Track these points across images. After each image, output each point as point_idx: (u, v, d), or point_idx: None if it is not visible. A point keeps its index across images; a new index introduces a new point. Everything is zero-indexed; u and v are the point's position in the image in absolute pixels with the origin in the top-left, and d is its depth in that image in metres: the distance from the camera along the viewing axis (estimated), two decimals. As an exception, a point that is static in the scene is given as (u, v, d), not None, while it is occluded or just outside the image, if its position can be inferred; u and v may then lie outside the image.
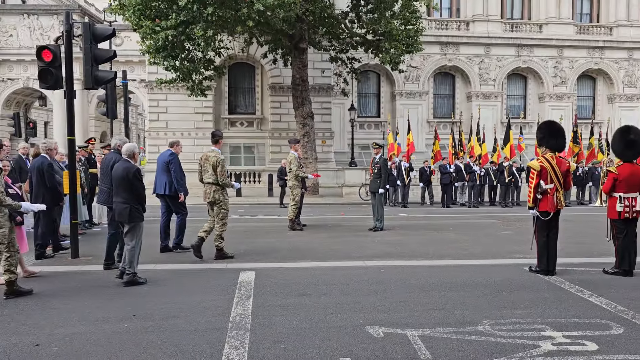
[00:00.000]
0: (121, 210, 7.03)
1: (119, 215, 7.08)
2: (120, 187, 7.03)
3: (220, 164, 8.53)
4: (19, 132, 22.86)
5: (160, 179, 9.41)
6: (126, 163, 7.12)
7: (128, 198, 6.99)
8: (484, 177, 20.23)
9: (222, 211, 8.59)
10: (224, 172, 8.60)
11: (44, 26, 31.27)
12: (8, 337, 4.88)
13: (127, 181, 6.98)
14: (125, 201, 7.00)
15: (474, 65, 31.19)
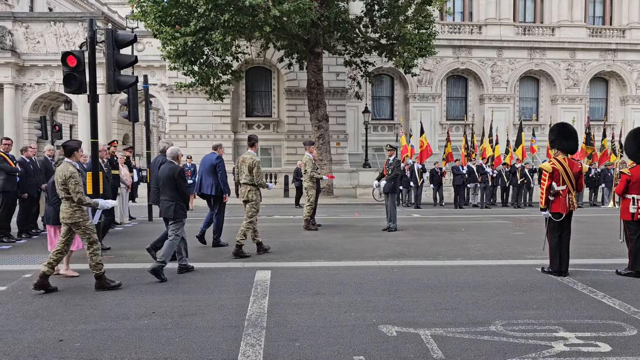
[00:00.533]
0: (167, 208, 7.55)
1: (165, 212, 7.59)
2: (166, 186, 7.54)
3: (256, 165, 8.95)
4: (45, 134, 23.34)
5: (206, 180, 9.72)
6: (171, 164, 7.67)
7: (173, 196, 7.52)
8: (496, 179, 20.23)
9: (252, 210, 8.97)
10: (259, 174, 9.01)
11: (69, 33, 31.84)
12: (33, 332, 5.04)
13: (173, 180, 7.50)
14: (170, 199, 7.52)
15: (487, 68, 31.14)
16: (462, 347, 4.64)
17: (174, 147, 7.94)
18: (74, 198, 6.54)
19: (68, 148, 6.99)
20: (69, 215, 6.61)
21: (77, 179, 6.57)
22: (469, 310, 5.77)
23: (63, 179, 6.55)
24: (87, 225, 6.69)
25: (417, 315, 5.58)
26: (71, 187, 6.51)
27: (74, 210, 6.60)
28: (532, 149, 23.74)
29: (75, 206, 6.60)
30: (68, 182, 6.52)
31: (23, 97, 33.06)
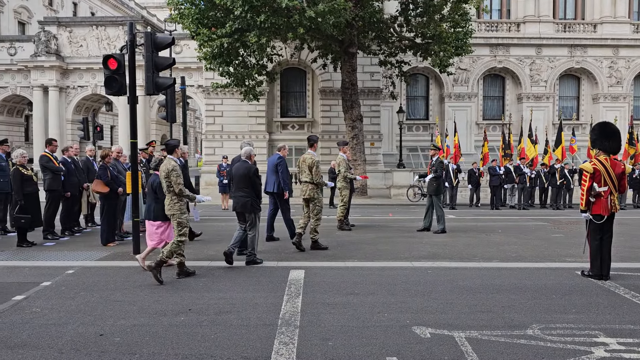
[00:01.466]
0: (243, 203, 8.11)
1: (242, 207, 8.15)
2: (241, 183, 8.13)
3: (315, 165, 9.37)
4: (87, 135, 24.17)
5: (270, 179, 10.38)
6: (246, 163, 8.27)
7: (248, 192, 8.09)
8: (535, 179, 19.80)
9: (316, 207, 9.44)
10: (319, 172, 9.39)
11: (110, 36, 32.80)
12: (75, 327, 5.22)
13: (248, 178, 8.10)
14: (246, 195, 8.09)
15: (525, 67, 30.47)
16: (498, 351, 4.57)
17: (248, 148, 8.46)
18: (175, 189, 7.15)
19: (170, 146, 7.60)
20: (169, 207, 7.24)
21: (179, 172, 7.23)
22: (505, 313, 5.68)
23: (166, 172, 7.17)
24: (182, 218, 7.25)
25: (451, 317, 5.53)
26: (173, 179, 7.14)
27: (174, 203, 7.22)
28: (572, 149, 23.12)
29: (175, 199, 7.22)
30: (170, 175, 7.14)
31: (67, 99, 34.22)
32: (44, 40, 32.58)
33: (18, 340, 4.83)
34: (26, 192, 9.91)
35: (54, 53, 32.74)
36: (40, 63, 32.60)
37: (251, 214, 8.12)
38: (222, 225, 13.35)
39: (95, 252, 9.36)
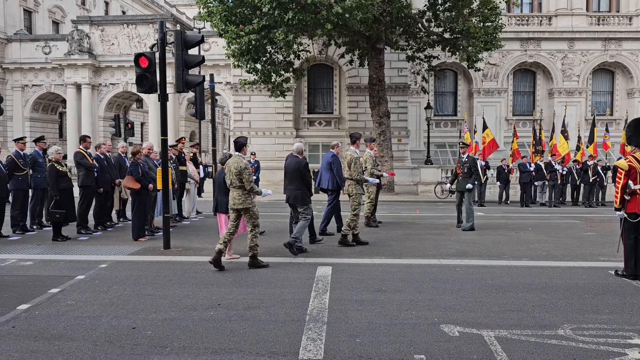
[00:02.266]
0: (295, 195, 8.72)
1: (294, 199, 8.74)
2: (293, 177, 8.71)
3: (354, 161, 9.51)
4: (119, 132, 24.72)
5: (324, 176, 10.64)
6: (297, 158, 8.81)
7: (300, 186, 8.66)
8: (566, 176, 19.39)
9: (353, 203, 9.52)
10: (357, 169, 9.51)
11: (141, 34, 33.35)
12: (109, 320, 5.35)
13: (299, 172, 8.66)
14: (297, 188, 8.69)
15: (557, 61, 29.83)
16: (528, 351, 4.51)
17: (299, 144, 8.99)
18: (246, 186, 7.55)
19: (238, 144, 7.95)
20: (240, 202, 7.62)
21: (249, 170, 7.66)
22: (535, 312, 5.60)
23: (238, 170, 7.53)
24: (255, 211, 7.72)
25: (480, 315, 5.48)
26: (245, 176, 7.53)
27: (246, 197, 7.61)
28: (606, 146, 22.56)
29: (246, 193, 7.61)
30: (243, 173, 7.53)
31: (99, 96, 34.95)
32: (77, 39, 33.32)
33: (54, 332, 4.98)
34: (61, 188, 10.17)
35: (86, 51, 33.46)
36: (74, 61, 33.36)
37: (302, 206, 8.67)
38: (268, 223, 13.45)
39: (126, 247, 9.57)
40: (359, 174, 9.67)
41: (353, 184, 9.73)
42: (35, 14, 39.97)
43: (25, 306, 5.78)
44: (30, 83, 35.49)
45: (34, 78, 35.36)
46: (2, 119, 32.01)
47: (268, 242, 10.04)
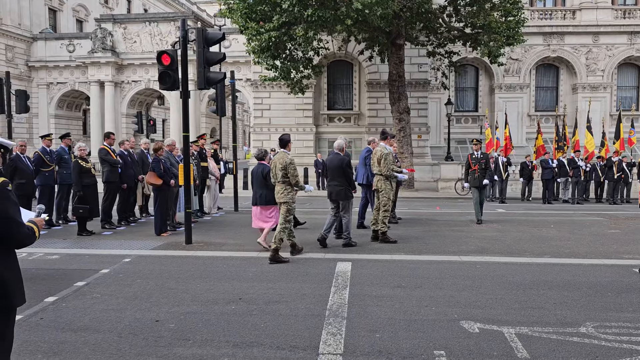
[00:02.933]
0: (338, 191, 8.98)
1: (336, 195, 9.01)
2: (335, 173, 8.99)
3: (384, 157, 9.50)
4: (141, 128, 25.06)
5: (360, 171, 11.18)
6: (339, 155, 9.07)
7: (342, 182, 8.93)
8: (590, 173, 19.08)
9: (383, 199, 9.52)
10: (387, 165, 9.49)
11: (162, 32, 33.74)
12: (133, 312, 5.47)
13: (341, 169, 8.92)
14: (340, 184, 8.95)
15: (581, 56, 29.31)
16: (549, 348, 4.49)
17: (340, 141, 9.22)
18: (291, 180, 7.96)
19: (283, 141, 8.30)
20: (282, 196, 8.00)
21: (294, 165, 8.03)
22: (557, 310, 5.56)
23: (283, 165, 7.92)
24: (293, 206, 8.07)
25: (500, 312, 5.46)
26: (291, 172, 7.94)
27: (288, 192, 8.00)
28: (631, 142, 22.13)
29: (289, 188, 7.99)
30: (288, 168, 7.92)
31: (121, 93, 35.48)
32: (100, 37, 33.85)
33: (81, 324, 5.11)
34: (85, 184, 10.38)
35: (109, 49, 33.98)
36: (97, 59, 33.91)
37: (344, 201, 8.95)
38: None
39: (149, 241, 9.72)
40: (388, 169, 9.59)
41: (382, 180, 9.66)
42: (60, 12, 40.68)
43: (53, 298, 5.94)
44: (55, 81, 36.20)
45: (59, 76, 36.06)
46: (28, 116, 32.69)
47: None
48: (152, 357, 4.32)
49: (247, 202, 17.42)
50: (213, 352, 4.42)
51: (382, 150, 9.74)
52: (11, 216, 3.05)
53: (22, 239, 3.14)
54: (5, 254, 3.14)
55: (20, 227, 3.12)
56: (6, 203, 3.04)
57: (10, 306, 3.16)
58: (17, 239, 3.12)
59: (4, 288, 3.09)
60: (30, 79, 36.08)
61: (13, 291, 3.14)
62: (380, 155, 9.62)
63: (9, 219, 3.05)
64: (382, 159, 9.59)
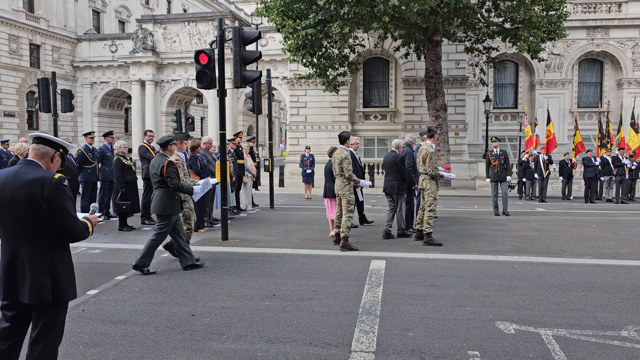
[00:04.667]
0: (392, 185, 9.73)
1: (390, 189, 9.76)
2: (390, 169, 9.77)
3: (429, 156, 9.34)
4: (180, 126, 25.57)
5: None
6: (394, 152, 9.92)
7: (396, 177, 9.71)
8: (635, 171, 18.40)
9: (428, 198, 9.38)
10: (432, 164, 9.33)
11: (200, 32, 34.33)
12: (170, 306, 5.60)
13: (395, 165, 9.71)
14: (394, 179, 9.72)
15: (627, 50, 28.29)
16: (588, 351, 4.38)
17: (398, 140, 10.00)
18: (345, 174, 8.54)
19: (342, 137, 8.96)
20: (340, 188, 8.71)
21: (350, 160, 8.63)
22: (597, 312, 5.41)
23: (340, 160, 8.54)
24: (351, 198, 8.64)
25: (537, 314, 5.35)
26: (345, 166, 8.52)
27: (344, 185, 8.63)
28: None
29: (345, 181, 8.60)
30: (343, 162, 8.52)
31: (161, 92, 36.27)
32: (141, 38, 34.67)
33: (120, 317, 5.27)
34: (126, 181, 10.67)
35: (150, 49, 34.77)
36: (138, 59, 34.76)
37: (397, 195, 9.62)
38: (305, 215, 13.65)
39: (187, 237, 9.90)
40: (434, 169, 9.32)
41: (427, 179, 9.35)
42: (103, 14, 41.88)
43: (94, 291, 6.14)
44: (98, 80, 37.31)
45: (102, 75, 37.15)
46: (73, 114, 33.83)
47: (322, 235, 10.16)
48: (187, 350, 4.42)
49: (282, 199, 17.60)
50: (247, 347, 4.49)
51: (427, 148, 9.42)
52: (67, 210, 3.18)
53: (77, 234, 3.26)
54: (60, 248, 3.26)
55: (76, 222, 3.24)
56: (63, 197, 3.16)
57: (61, 300, 3.26)
58: (73, 233, 3.24)
59: (57, 282, 3.19)
60: (74, 79, 37.30)
61: (66, 285, 3.25)
62: (426, 154, 9.33)
63: (66, 213, 3.17)
64: (427, 158, 9.29)
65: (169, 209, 7.02)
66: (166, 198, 6.98)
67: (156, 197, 7.05)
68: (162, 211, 7.01)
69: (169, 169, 6.87)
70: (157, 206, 7.03)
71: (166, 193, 6.97)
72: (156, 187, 7.07)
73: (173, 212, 7.08)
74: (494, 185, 13.61)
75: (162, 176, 6.89)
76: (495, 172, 13.46)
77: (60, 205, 3.14)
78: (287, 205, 16.30)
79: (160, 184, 6.98)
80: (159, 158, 7.14)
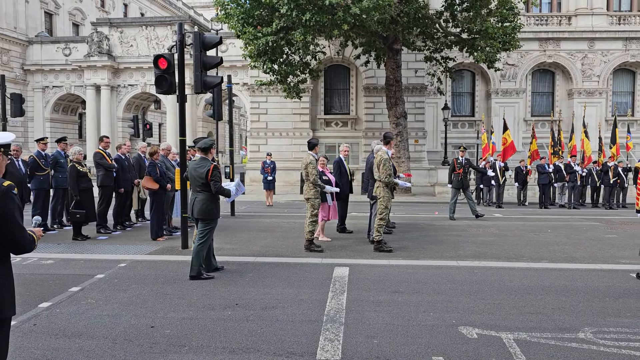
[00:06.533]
0: (372, 191, 9.78)
1: (370, 193, 9.95)
2: (370, 174, 9.92)
3: (383, 162, 9.11)
4: (137, 132, 24.94)
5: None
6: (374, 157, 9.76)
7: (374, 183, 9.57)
8: (586, 178, 19.13)
9: (380, 206, 9.20)
10: (385, 171, 9.10)
11: (159, 36, 33.68)
12: (128, 318, 5.41)
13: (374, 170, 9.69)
14: (373, 184, 9.64)
15: (576, 61, 29.46)
16: (548, 354, 4.46)
17: (377, 145, 9.90)
18: (310, 178, 8.97)
19: (310, 144, 9.50)
20: (305, 192, 9.15)
21: (314, 164, 9.02)
22: (555, 315, 5.54)
23: (305, 165, 9.03)
24: (315, 202, 9.07)
25: (499, 318, 5.44)
26: (309, 170, 8.95)
27: (310, 189, 9.04)
28: (627, 147, 22.21)
29: (311, 186, 8.99)
30: (307, 167, 8.95)
31: (117, 97, 35.36)
32: (96, 41, 33.76)
33: (75, 330, 5.05)
34: (81, 188, 10.32)
35: (105, 53, 33.89)
36: (93, 63, 33.81)
37: (377, 200, 9.47)
38: (267, 222, 13.52)
39: (145, 246, 9.67)
40: (387, 176, 9.10)
41: (381, 187, 9.16)
42: (56, 16, 40.58)
43: (47, 304, 5.87)
44: (51, 84, 36.05)
45: (55, 79, 35.91)
46: (24, 119, 32.56)
47: (285, 242, 10.08)
48: (147, 363, 4.27)
49: (243, 206, 17.40)
50: (209, 358, 4.37)
51: (382, 155, 9.21)
52: (16, 220, 3.00)
53: (24, 244, 3.08)
54: (2, 260, 3.06)
55: (23, 232, 3.06)
56: (11, 205, 2.98)
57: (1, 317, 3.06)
58: (20, 244, 3.06)
59: None
60: (25, 83, 35.93)
61: (6, 300, 3.05)
62: (380, 161, 9.11)
63: (13, 222, 2.99)
64: (381, 165, 9.09)
65: (214, 213, 7.19)
66: (210, 202, 7.11)
67: (200, 202, 7.10)
68: (207, 215, 7.11)
69: (214, 173, 7.01)
70: (201, 210, 7.10)
71: (210, 197, 7.11)
72: (199, 192, 7.11)
73: (216, 215, 7.29)
74: (455, 192, 14.31)
75: (206, 179, 6.97)
76: (459, 180, 14.21)
77: (7, 215, 2.95)
78: (249, 212, 16.14)
79: (204, 187, 7.05)
80: (201, 162, 7.15)
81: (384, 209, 9.14)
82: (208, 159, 7.24)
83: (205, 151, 7.27)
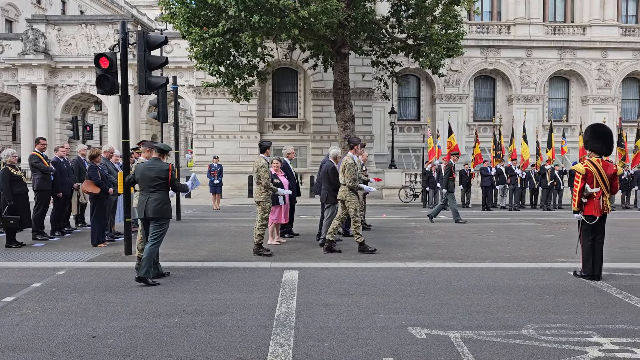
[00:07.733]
0: (323, 194, 10.04)
1: (323, 197, 10.12)
2: (323, 179, 10.10)
3: (347, 167, 9.29)
4: (77, 135, 23.90)
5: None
6: (331, 163, 10.08)
7: (327, 187, 9.96)
8: (525, 180, 19.96)
9: (350, 210, 9.29)
10: (349, 175, 9.25)
11: (100, 35, 32.52)
12: (67, 328, 5.15)
13: (326, 175, 10.01)
14: (325, 188, 10.00)
15: (515, 69, 30.69)
16: (494, 351, 4.57)
17: (336, 150, 10.33)
18: (262, 182, 8.90)
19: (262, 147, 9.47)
20: (257, 195, 9.06)
21: (266, 168, 8.98)
22: (499, 313, 5.69)
23: (257, 168, 8.97)
24: (266, 206, 9.01)
25: (446, 317, 5.53)
26: (261, 174, 8.91)
27: (262, 192, 8.96)
28: (563, 151, 23.33)
29: (263, 189, 8.92)
30: (260, 170, 8.90)
31: (55, 98, 33.89)
32: (32, 39, 32.25)
33: (8, 343, 4.75)
34: (15, 193, 9.78)
35: (42, 51, 32.43)
36: (28, 61, 32.27)
37: (329, 205, 9.87)
38: (214, 226, 13.28)
39: (85, 252, 9.27)
40: (352, 180, 9.24)
41: (347, 190, 9.29)
42: (-13, 12, 38.53)
43: (-23, 316, 5.51)
44: (-19, 84, 34.15)
45: (-15, 78, 34.03)
46: (-49, 120, 30.64)
47: (233, 247, 9.93)
48: (88, 375, 4.06)
49: (190, 210, 17.04)
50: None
51: (347, 159, 9.44)
52: None
53: None
54: None
55: None
56: None
57: None
58: None
59: None
60: (-48, 81, 33.88)
61: None
62: (344, 165, 9.35)
63: None
64: (345, 169, 9.28)
65: (169, 212, 7.27)
66: (166, 201, 7.21)
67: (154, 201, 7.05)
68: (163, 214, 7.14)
69: (174, 171, 7.32)
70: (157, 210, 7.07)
71: (165, 196, 7.20)
72: (152, 191, 7.10)
73: (171, 215, 7.40)
74: (453, 196, 14.91)
75: (166, 178, 7.11)
76: (452, 184, 15.13)
77: None
78: (195, 216, 15.81)
79: (158, 187, 7.12)
80: (154, 162, 7.21)
81: (355, 211, 9.32)
82: (161, 160, 7.23)
83: (162, 153, 7.27)
